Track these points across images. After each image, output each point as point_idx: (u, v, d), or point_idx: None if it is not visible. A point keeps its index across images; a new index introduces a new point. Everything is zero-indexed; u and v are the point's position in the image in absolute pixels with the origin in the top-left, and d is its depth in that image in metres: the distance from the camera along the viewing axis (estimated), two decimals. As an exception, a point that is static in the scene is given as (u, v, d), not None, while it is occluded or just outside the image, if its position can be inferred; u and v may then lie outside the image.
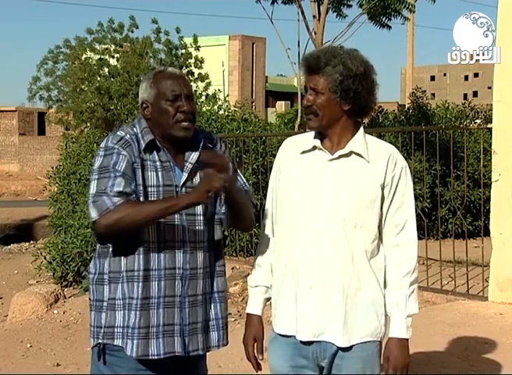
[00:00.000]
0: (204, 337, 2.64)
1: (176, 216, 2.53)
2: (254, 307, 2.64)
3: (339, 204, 2.44)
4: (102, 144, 2.56)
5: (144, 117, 2.62)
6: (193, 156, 2.60)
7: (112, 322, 2.53)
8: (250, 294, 2.66)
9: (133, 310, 2.50)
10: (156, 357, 2.50)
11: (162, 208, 2.44)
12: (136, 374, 2.53)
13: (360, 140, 2.50)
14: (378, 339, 2.50)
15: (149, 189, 2.52)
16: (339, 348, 2.45)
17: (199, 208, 2.60)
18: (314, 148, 2.53)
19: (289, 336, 2.51)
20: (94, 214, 2.44)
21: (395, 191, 2.49)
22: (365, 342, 2.46)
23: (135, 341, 2.49)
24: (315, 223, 2.46)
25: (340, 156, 2.48)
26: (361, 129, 2.54)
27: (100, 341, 2.55)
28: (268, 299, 2.63)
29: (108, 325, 2.54)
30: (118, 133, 2.57)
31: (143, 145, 2.55)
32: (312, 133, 2.57)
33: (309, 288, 2.46)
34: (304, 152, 2.55)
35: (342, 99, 2.45)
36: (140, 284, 2.50)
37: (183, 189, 2.58)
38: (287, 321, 2.51)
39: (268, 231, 2.64)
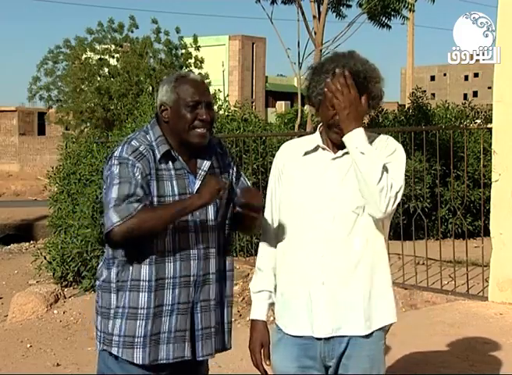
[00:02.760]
0: (215, 340, 2.65)
1: (190, 222, 2.55)
2: (258, 313, 2.62)
3: (348, 197, 2.45)
4: (116, 153, 2.52)
5: (161, 120, 2.60)
6: (206, 163, 2.61)
7: (111, 330, 2.54)
8: (254, 299, 2.65)
9: (140, 320, 2.51)
10: (165, 361, 2.53)
11: (179, 210, 2.47)
12: (147, 374, 2.55)
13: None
14: (393, 320, 2.53)
15: (166, 199, 2.52)
16: (353, 341, 2.46)
17: (210, 213, 2.61)
18: (317, 148, 2.54)
19: (300, 336, 2.50)
20: (115, 219, 2.43)
21: (385, 160, 2.45)
22: (379, 331, 2.48)
23: (146, 349, 2.51)
24: (325, 219, 2.46)
25: (344, 154, 2.49)
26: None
27: (105, 347, 2.57)
28: (272, 304, 2.62)
29: (109, 332, 2.55)
30: (132, 142, 2.53)
31: (158, 156, 2.54)
32: (312, 136, 2.58)
33: (322, 284, 2.46)
34: (306, 154, 2.55)
35: (372, 108, 2.55)
36: (152, 294, 2.51)
37: None
38: (300, 321, 2.50)
39: (268, 235, 2.63)
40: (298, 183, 2.53)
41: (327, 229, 2.46)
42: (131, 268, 2.53)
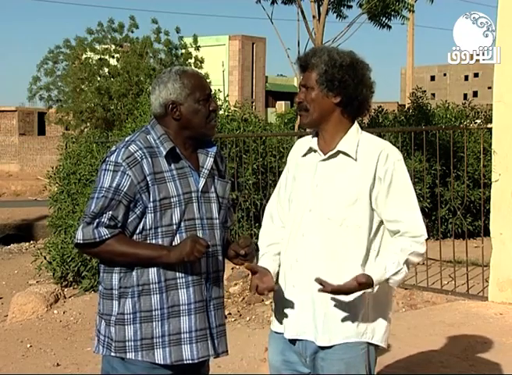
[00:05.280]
0: (225, 338, 2.67)
1: (196, 220, 2.56)
2: (262, 262, 2.62)
3: (325, 204, 2.47)
4: (112, 158, 2.51)
5: (168, 118, 2.58)
6: (209, 162, 2.62)
7: (121, 337, 2.52)
8: (259, 257, 2.66)
9: (155, 321, 2.50)
10: (191, 361, 2.53)
11: (147, 257, 2.48)
12: (151, 374, 2.54)
13: (351, 138, 2.51)
14: (365, 340, 2.48)
15: (171, 199, 2.52)
16: (320, 347, 2.47)
17: (215, 212, 2.63)
18: (311, 149, 2.55)
19: (281, 333, 2.56)
20: (79, 237, 2.48)
21: (390, 185, 2.47)
22: (348, 343, 2.45)
23: (167, 349, 2.51)
24: (304, 224, 2.50)
25: (330, 157, 2.51)
26: (354, 126, 2.54)
27: (112, 353, 2.55)
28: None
29: (118, 339, 2.53)
30: (130, 147, 2.51)
31: (163, 153, 2.53)
32: (311, 136, 2.60)
33: (292, 287, 2.50)
34: (304, 155, 2.59)
35: (329, 91, 2.47)
36: (164, 295, 2.51)
37: (202, 194, 2.59)
38: (279, 319, 2.57)
39: (268, 223, 2.69)
40: (296, 185, 2.58)
41: (304, 235, 2.49)
42: (134, 273, 2.52)
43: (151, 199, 2.49)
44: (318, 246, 2.46)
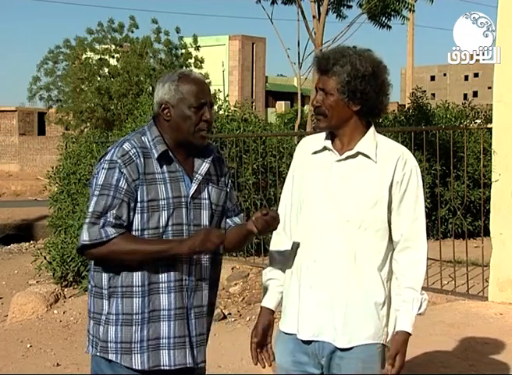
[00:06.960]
0: (204, 347, 2.63)
1: (184, 226, 2.53)
2: (265, 300, 2.63)
3: (343, 205, 2.45)
4: (108, 157, 2.49)
5: (161, 118, 2.55)
6: (204, 168, 2.58)
7: (105, 337, 2.51)
8: (265, 287, 2.65)
9: (135, 325, 2.48)
10: (167, 367, 2.50)
11: (157, 251, 2.45)
12: None
13: (370, 140, 2.50)
14: (381, 341, 2.49)
15: (160, 202, 2.49)
16: (338, 348, 2.46)
17: (204, 219, 2.59)
18: (325, 148, 2.53)
19: (292, 334, 2.53)
20: (85, 237, 2.44)
21: (405, 192, 2.47)
22: (366, 344, 2.45)
23: (145, 354, 2.48)
24: (320, 223, 2.47)
25: (348, 157, 2.48)
26: (372, 129, 2.53)
27: (98, 353, 2.54)
28: (281, 293, 2.63)
29: (102, 339, 2.52)
30: (124, 146, 2.49)
31: (155, 155, 2.50)
32: (324, 134, 2.57)
33: (310, 288, 2.47)
34: (315, 153, 2.55)
35: (350, 100, 2.45)
36: (146, 299, 2.49)
37: (192, 200, 2.55)
38: (290, 319, 2.53)
39: (281, 232, 2.64)
40: (305, 182, 2.54)
41: (321, 235, 2.46)
42: (122, 273, 2.50)
43: (139, 200, 2.47)
44: (337, 246, 2.44)
